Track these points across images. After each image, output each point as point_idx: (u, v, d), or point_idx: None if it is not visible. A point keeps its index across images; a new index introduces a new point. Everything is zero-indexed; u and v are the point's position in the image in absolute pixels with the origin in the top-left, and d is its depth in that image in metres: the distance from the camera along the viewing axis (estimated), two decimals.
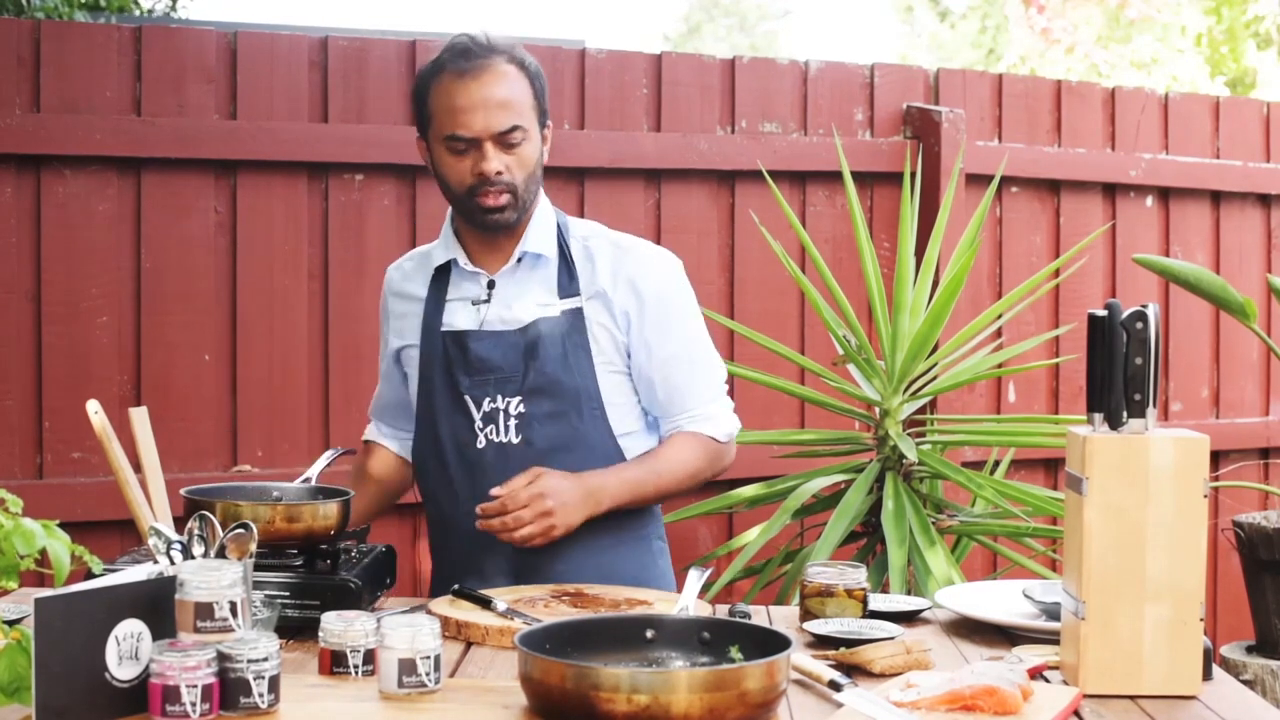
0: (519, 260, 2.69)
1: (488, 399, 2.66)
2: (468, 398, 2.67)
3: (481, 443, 2.66)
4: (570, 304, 2.68)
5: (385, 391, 2.91)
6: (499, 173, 2.60)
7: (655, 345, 2.70)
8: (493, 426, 2.66)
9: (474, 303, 2.70)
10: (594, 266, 2.70)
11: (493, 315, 2.69)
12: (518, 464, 2.61)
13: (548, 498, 2.52)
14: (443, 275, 2.74)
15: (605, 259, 2.71)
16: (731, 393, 2.87)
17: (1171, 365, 5.00)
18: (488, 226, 2.66)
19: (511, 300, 2.69)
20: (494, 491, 2.53)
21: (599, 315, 2.68)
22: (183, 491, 2.38)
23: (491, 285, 2.70)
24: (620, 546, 2.70)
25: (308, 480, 2.62)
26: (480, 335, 2.67)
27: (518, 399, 2.65)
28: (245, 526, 1.99)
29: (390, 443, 2.94)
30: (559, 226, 2.74)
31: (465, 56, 2.62)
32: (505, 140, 2.60)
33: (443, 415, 2.69)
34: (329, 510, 2.40)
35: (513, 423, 2.65)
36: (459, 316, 2.71)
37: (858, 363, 3.76)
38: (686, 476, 2.72)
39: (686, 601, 2.17)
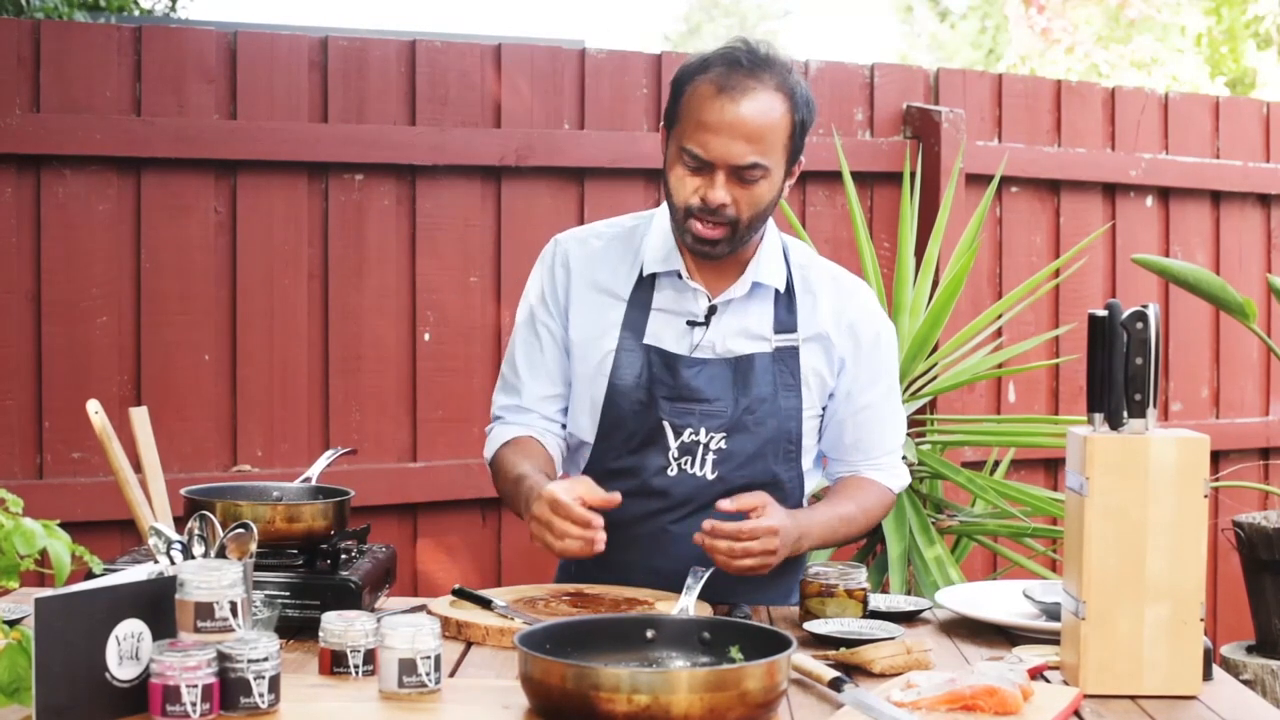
0: (749, 289, 2.54)
1: (689, 430, 2.51)
2: (667, 424, 2.51)
3: (674, 471, 2.53)
4: (785, 341, 2.53)
5: (531, 378, 2.62)
6: (723, 205, 2.42)
7: (857, 393, 2.59)
8: (689, 458, 2.52)
9: (690, 323, 2.53)
10: (815, 303, 2.56)
11: (705, 340, 2.53)
12: (707, 499, 2.47)
13: (778, 537, 2.35)
14: (649, 279, 2.56)
15: (828, 297, 2.58)
16: None
17: (1171, 365, 5.00)
18: (694, 252, 2.50)
19: (727, 328, 2.54)
20: (728, 514, 2.34)
21: (814, 359, 2.56)
22: (183, 491, 2.38)
23: (713, 310, 2.53)
24: (775, 574, 2.54)
25: (308, 480, 2.61)
26: (692, 362, 2.51)
27: (721, 435, 2.51)
28: (245, 526, 1.99)
29: (547, 439, 2.63)
30: (785, 252, 2.59)
31: (734, 69, 2.42)
32: (741, 175, 2.42)
33: (632, 435, 2.53)
34: (329, 510, 2.40)
35: (710, 458, 2.51)
36: (667, 333, 2.53)
37: None
38: (867, 525, 2.64)
39: (686, 602, 2.17)
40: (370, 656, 1.99)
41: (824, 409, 2.62)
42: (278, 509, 2.36)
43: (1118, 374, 2.03)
